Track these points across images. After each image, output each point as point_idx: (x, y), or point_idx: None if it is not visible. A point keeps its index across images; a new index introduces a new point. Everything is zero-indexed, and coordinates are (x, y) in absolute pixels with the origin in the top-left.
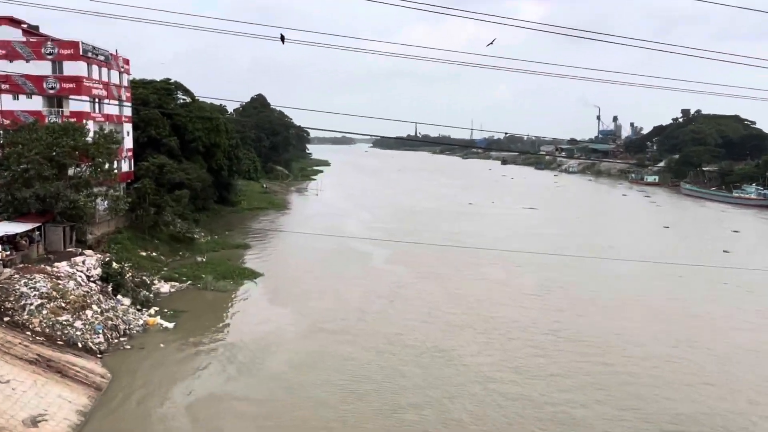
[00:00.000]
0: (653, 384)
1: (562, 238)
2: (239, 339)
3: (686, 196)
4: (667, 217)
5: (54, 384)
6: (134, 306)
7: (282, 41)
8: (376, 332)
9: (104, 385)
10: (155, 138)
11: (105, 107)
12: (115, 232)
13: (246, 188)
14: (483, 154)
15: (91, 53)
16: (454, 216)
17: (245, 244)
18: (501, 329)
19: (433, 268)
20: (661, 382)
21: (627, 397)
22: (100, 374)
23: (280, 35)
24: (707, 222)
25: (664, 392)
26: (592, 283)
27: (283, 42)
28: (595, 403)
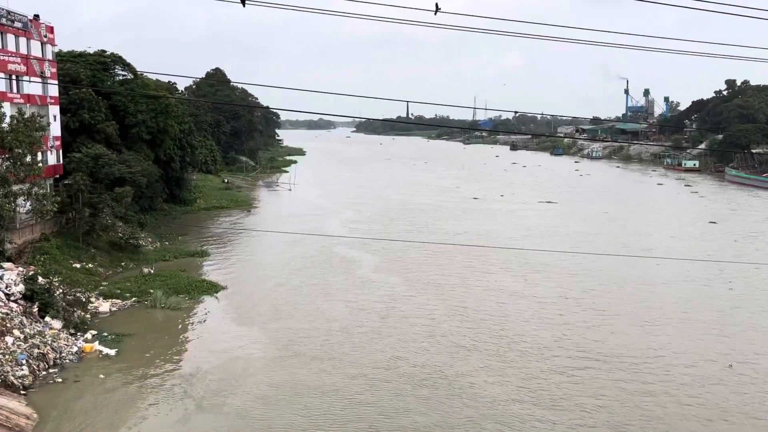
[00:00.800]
0: (706, 416)
1: (587, 237)
2: (197, 367)
3: (732, 183)
4: (712, 211)
5: None
6: (67, 329)
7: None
8: (365, 357)
9: (29, 429)
10: (89, 123)
11: (25, 86)
12: (41, 239)
13: (203, 183)
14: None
15: (6, 19)
16: (455, 213)
17: (203, 252)
18: (516, 351)
19: (433, 276)
20: (717, 414)
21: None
22: (24, 415)
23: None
24: (761, 215)
25: (720, 427)
26: (625, 291)
27: (244, 4)
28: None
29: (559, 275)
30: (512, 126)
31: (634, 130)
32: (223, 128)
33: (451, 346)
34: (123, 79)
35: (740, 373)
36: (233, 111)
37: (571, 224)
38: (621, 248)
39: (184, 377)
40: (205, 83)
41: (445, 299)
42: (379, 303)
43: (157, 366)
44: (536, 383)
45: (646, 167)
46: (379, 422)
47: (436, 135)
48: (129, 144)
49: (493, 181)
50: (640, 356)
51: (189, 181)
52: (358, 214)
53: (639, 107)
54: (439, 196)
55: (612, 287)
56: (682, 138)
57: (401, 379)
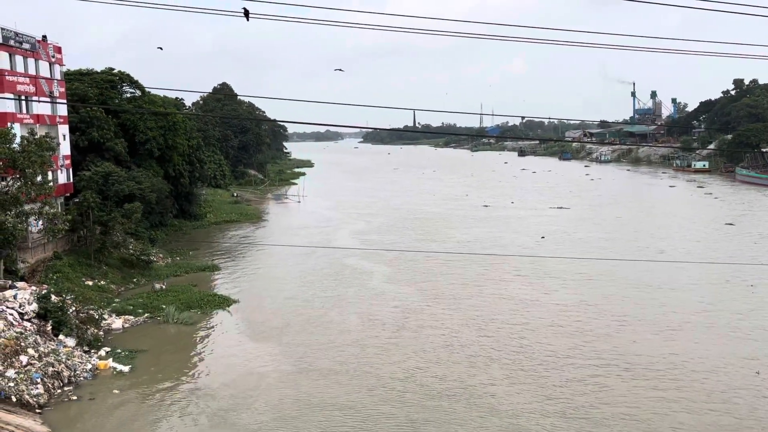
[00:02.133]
0: (735, 425)
1: (602, 242)
2: (211, 383)
3: (743, 183)
4: (727, 212)
5: None
6: (80, 347)
7: (246, 17)
8: (381, 370)
9: None
10: (98, 141)
11: (34, 106)
12: (54, 258)
13: (212, 198)
14: (496, 145)
15: (14, 41)
16: (466, 221)
17: (214, 266)
18: (536, 360)
19: (447, 286)
20: (746, 423)
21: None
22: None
23: (243, 9)
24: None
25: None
26: (644, 296)
27: (248, 18)
28: None
29: (575, 281)
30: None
31: (642, 132)
32: (231, 142)
33: (469, 357)
34: (131, 96)
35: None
36: (241, 125)
37: (584, 229)
38: (637, 252)
39: (197, 393)
40: (213, 98)
41: (460, 309)
42: (393, 314)
43: (170, 382)
44: (559, 393)
45: (656, 169)
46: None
47: (443, 143)
48: (138, 161)
49: (503, 188)
50: (663, 364)
51: (198, 196)
52: (368, 224)
53: (646, 109)
54: (449, 205)
55: (630, 292)
56: (691, 139)
57: (419, 391)
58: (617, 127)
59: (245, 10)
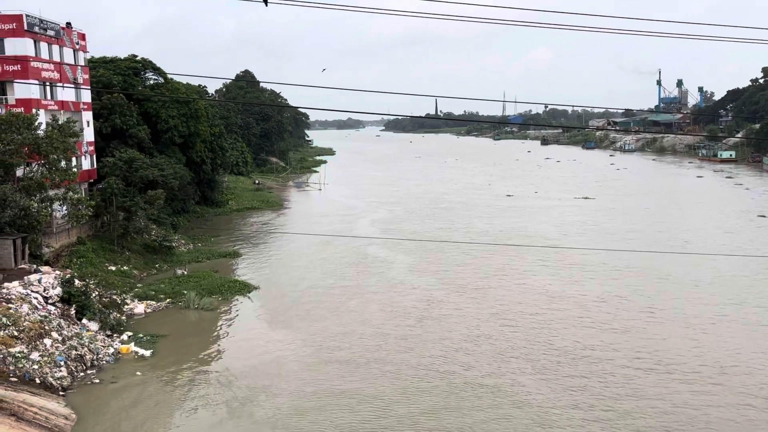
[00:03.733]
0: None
1: (629, 234)
2: (230, 370)
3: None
4: (758, 203)
5: (7, 429)
6: (103, 331)
7: (265, 3)
8: (401, 363)
9: (68, 429)
10: (121, 128)
11: (58, 92)
12: (77, 243)
13: (234, 185)
14: (518, 133)
15: (39, 28)
16: (489, 211)
17: (235, 252)
18: (562, 354)
19: (469, 277)
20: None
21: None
22: (63, 415)
23: None
24: None
25: None
26: (674, 290)
27: (266, 4)
28: None
29: (601, 273)
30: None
31: (667, 121)
32: (253, 130)
33: (493, 348)
34: (154, 83)
35: None
36: (263, 113)
37: (610, 220)
38: (665, 244)
39: (217, 380)
40: (235, 86)
41: (483, 301)
42: (415, 305)
43: (191, 368)
44: (587, 387)
45: (681, 159)
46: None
47: (465, 131)
48: (161, 148)
49: (526, 177)
50: (695, 359)
51: (221, 183)
52: (390, 213)
53: (672, 98)
54: (472, 194)
55: (658, 285)
56: (717, 128)
57: (443, 382)
58: (642, 115)
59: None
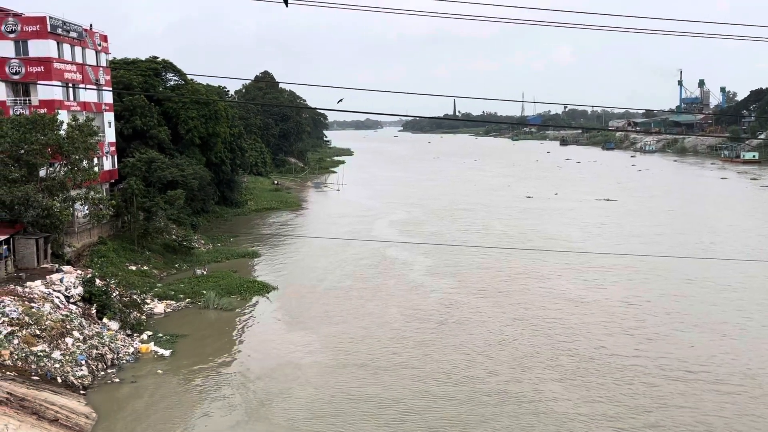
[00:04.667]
0: None
1: (653, 237)
2: (249, 372)
3: None
4: None
5: (29, 428)
6: (123, 330)
7: (285, 4)
8: (421, 368)
9: (88, 428)
10: (142, 129)
11: (81, 94)
12: (98, 243)
13: (253, 185)
14: (537, 134)
15: (62, 30)
16: (509, 213)
17: (254, 252)
18: (586, 362)
19: (489, 280)
20: None
21: None
22: (83, 414)
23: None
24: None
25: None
26: (700, 296)
27: (287, 5)
28: None
29: (625, 278)
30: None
31: (688, 122)
32: (272, 130)
33: (515, 356)
34: (174, 84)
35: None
36: (282, 113)
37: (634, 223)
38: (691, 248)
39: (235, 381)
40: (254, 86)
41: (504, 305)
42: (434, 308)
43: (210, 368)
44: (612, 397)
45: (703, 160)
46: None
47: (483, 132)
48: (181, 148)
49: (546, 179)
50: (725, 369)
51: (240, 183)
52: (408, 214)
53: (693, 98)
54: (491, 195)
55: (684, 290)
56: (740, 129)
57: (463, 388)
58: (663, 116)
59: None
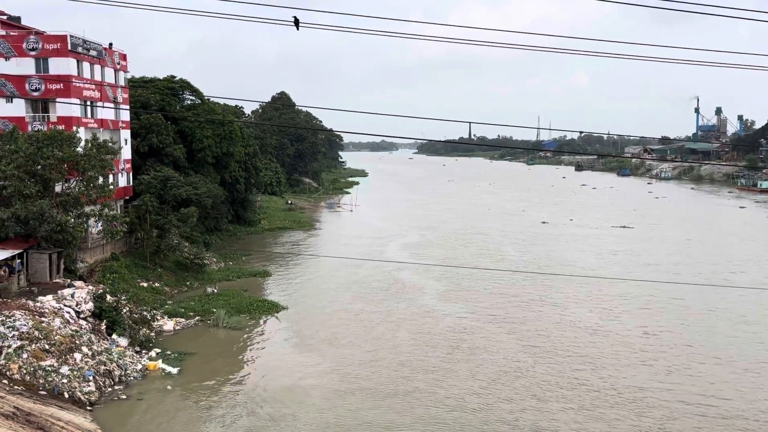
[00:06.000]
0: None
1: (670, 266)
2: (254, 394)
3: None
4: None
5: None
6: (132, 347)
7: (296, 26)
8: (431, 395)
9: None
10: (158, 147)
11: (98, 111)
12: (111, 259)
13: (267, 204)
14: (552, 159)
15: (82, 48)
16: (523, 238)
17: (265, 272)
18: (600, 397)
19: (502, 307)
20: None
21: None
22: (88, 430)
23: (294, 18)
24: None
25: None
26: (719, 328)
27: (298, 27)
28: None
29: (642, 307)
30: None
31: (705, 149)
32: (287, 151)
33: (527, 386)
34: (191, 104)
35: None
36: (297, 134)
37: (651, 251)
38: (710, 278)
39: (241, 402)
40: (271, 107)
41: (517, 332)
42: (445, 333)
43: (216, 388)
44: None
45: (719, 188)
46: None
47: (498, 156)
48: (196, 167)
49: (562, 204)
50: (746, 406)
51: (254, 202)
52: (421, 237)
53: (710, 126)
54: (505, 220)
55: (702, 323)
56: (757, 158)
57: (472, 421)
58: (679, 143)
59: (295, 18)
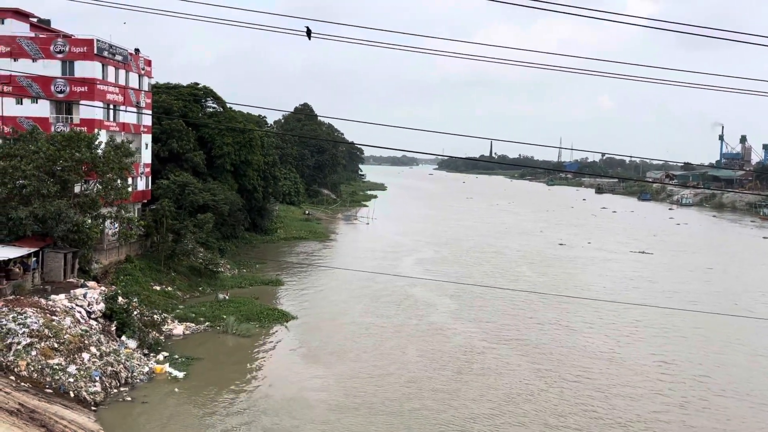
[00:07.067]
0: None
1: (690, 294)
2: (258, 403)
3: None
4: None
5: None
6: (141, 349)
7: (308, 36)
8: (438, 414)
9: None
10: (178, 152)
11: (121, 115)
12: (126, 261)
13: (285, 214)
14: (573, 181)
15: (107, 52)
16: (539, 259)
17: (278, 280)
18: (614, 427)
19: (513, 328)
20: None
21: None
22: (91, 430)
23: (306, 29)
24: None
25: None
26: (739, 360)
27: (309, 37)
28: None
29: (658, 336)
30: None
31: (728, 177)
32: (307, 161)
33: (536, 413)
34: (213, 111)
35: None
36: (318, 145)
37: (670, 278)
38: (730, 308)
39: (245, 411)
40: (293, 117)
41: (529, 355)
42: (456, 353)
43: (220, 395)
44: None
45: (742, 216)
46: None
47: (519, 175)
48: (215, 173)
49: (581, 226)
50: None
51: (271, 211)
52: (436, 253)
53: (734, 154)
54: (522, 239)
55: (721, 353)
56: None
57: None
58: (702, 170)
59: (307, 28)
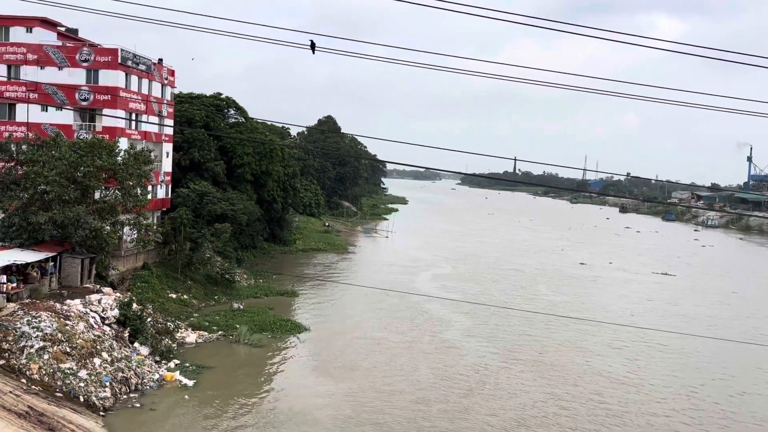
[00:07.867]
0: None
1: (712, 320)
2: (266, 416)
3: None
4: None
5: None
6: (152, 356)
7: (312, 50)
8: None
9: None
10: (199, 161)
11: (143, 123)
12: (143, 268)
13: (304, 225)
14: (597, 199)
15: (131, 62)
16: (558, 279)
17: (293, 292)
18: None
19: (528, 350)
20: None
21: None
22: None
23: (310, 42)
24: None
25: None
26: (756, 388)
27: (314, 51)
28: None
29: (676, 362)
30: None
31: (756, 200)
32: (328, 173)
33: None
34: (234, 121)
35: None
36: (340, 157)
37: (692, 302)
38: (755, 336)
39: (252, 423)
40: (317, 130)
41: (542, 377)
42: (467, 372)
43: (229, 405)
44: None
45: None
46: None
47: (542, 192)
48: (235, 183)
49: (603, 246)
50: None
51: (290, 222)
52: (454, 270)
53: (763, 176)
54: (543, 258)
55: (742, 382)
56: None
57: None
58: (728, 192)
59: (312, 42)
